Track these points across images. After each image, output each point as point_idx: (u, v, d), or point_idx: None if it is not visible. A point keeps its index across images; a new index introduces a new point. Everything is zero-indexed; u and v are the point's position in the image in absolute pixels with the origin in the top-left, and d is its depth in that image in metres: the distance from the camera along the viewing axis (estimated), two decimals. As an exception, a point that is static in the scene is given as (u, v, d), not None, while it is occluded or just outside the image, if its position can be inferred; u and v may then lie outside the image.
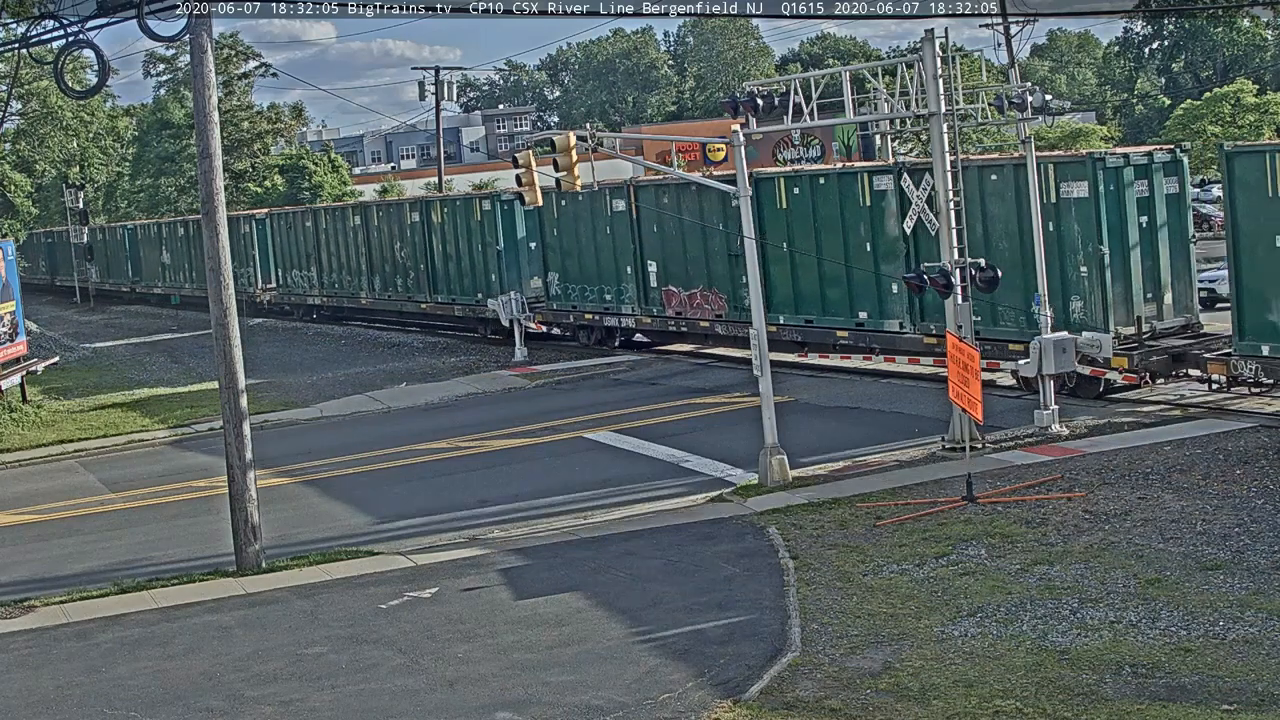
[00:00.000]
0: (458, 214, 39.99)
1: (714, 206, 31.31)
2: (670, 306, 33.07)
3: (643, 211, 33.32)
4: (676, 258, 32.65)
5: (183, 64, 74.72)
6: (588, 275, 35.41)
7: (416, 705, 13.38)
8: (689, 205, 32.05)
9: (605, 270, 34.83)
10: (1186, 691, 12.03)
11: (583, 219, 35.25)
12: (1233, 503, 17.34)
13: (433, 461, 25.20)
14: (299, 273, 49.40)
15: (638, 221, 33.56)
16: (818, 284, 29.07)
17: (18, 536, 22.39)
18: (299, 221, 49.56)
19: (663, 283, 33.22)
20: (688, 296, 32.50)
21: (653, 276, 33.42)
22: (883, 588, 15.47)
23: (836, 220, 28.34)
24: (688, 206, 32.12)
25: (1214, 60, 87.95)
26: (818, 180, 29.01)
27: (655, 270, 33.28)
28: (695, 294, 32.26)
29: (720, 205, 30.98)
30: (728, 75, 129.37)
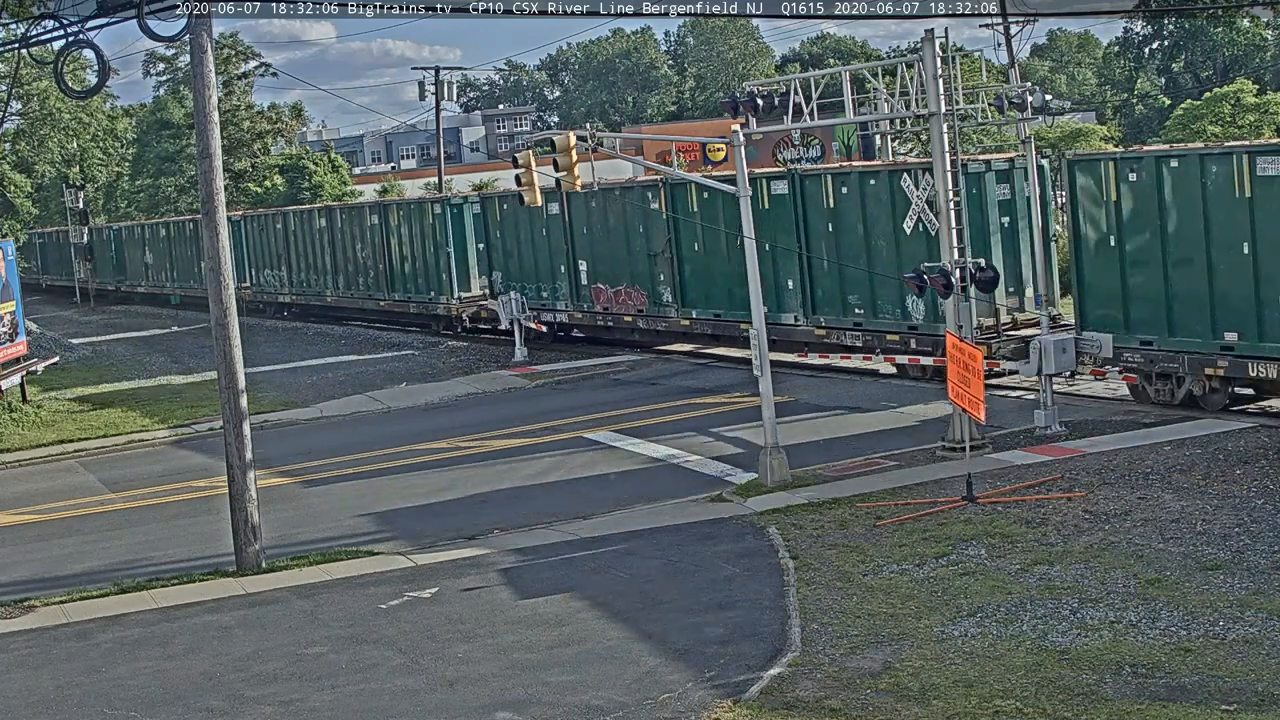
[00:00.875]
0: (412, 217, 42.30)
1: (636, 210, 33.65)
2: (599, 302, 35.26)
3: (574, 215, 35.46)
4: (604, 257, 34.88)
5: (183, 64, 74.75)
6: (527, 274, 37.56)
7: (416, 705, 13.38)
8: (614, 209, 34.33)
9: (542, 269, 36.98)
10: (1186, 691, 12.03)
11: (523, 222, 37.34)
12: (1233, 503, 17.34)
13: (433, 461, 25.20)
14: (270, 272, 51.34)
15: (570, 224, 35.71)
16: (726, 282, 30.86)
17: (18, 536, 22.39)
18: (270, 223, 51.46)
19: (592, 280, 35.38)
20: (614, 293, 34.74)
21: (583, 275, 35.57)
22: (883, 588, 15.48)
23: (733, 223, 28.94)
24: (613, 210, 34.37)
25: (1214, 60, 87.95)
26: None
27: (585, 269, 35.48)
28: (620, 291, 34.52)
29: (641, 209, 33.43)
30: (728, 75, 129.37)
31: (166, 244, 61.45)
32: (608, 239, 34.71)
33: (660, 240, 32.84)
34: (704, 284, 31.98)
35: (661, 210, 32.85)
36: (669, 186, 32.26)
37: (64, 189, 72.11)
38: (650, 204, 32.87)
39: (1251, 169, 21.03)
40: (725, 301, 31.08)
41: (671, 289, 32.87)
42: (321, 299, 48.12)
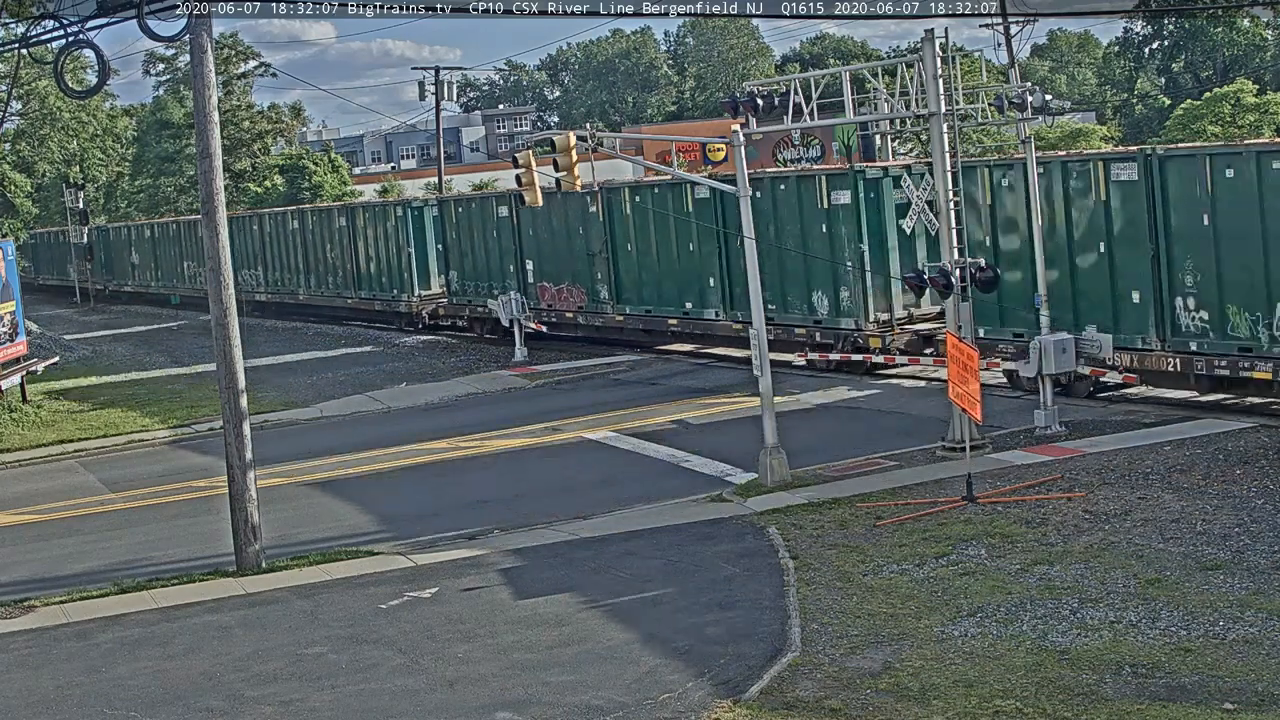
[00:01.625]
0: (376, 219, 44.77)
1: (576, 213, 35.76)
2: (544, 300, 37.30)
3: (522, 217, 37.49)
4: (549, 257, 37.13)
5: (183, 64, 74.73)
6: (480, 273, 39.70)
7: (416, 705, 13.38)
8: (557, 211, 36.13)
9: (494, 269, 39.16)
10: (1186, 691, 12.03)
11: (476, 224, 39.72)
12: (1233, 503, 17.34)
13: (433, 461, 25.20)
14: (248, 272, 52.92)
15: (518, 226, 37.87)
16: (656, 280, 33.48)
17: (18, 536, 22.39)
18: (247, 225, 53.52)
19: (538, 279, 37.56)
20: (557, 291, 36.93)
21: (530, 274, 37.75)
22: (883, 588, 15.48)
23: (668, 224, 32.78)
24: (556, 213, 36.17)
25: (1214, 60, 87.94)
26: (653, 190, 33.81)
27: (532, 268, 37.70)
28: (563, 288, 36.72)
29: (581, 212, 35.51)
30: (728, 75, 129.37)
31: (150, 245, 63.96)
32: (552, 240, 36.85)
33: (598, 242, 34.91)
34: (636, 282, 34.10)
35: (599, 214, 34.75)
36: (605, 192, 34.18)
37: (64, 189, 72.15)
38: (589, 208, 34.90)
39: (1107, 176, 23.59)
40: (655, 298, 33.59)
41: (608, 287, 34.89)
42: (295, 297, 50.13)
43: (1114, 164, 23.39)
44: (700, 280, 32.06)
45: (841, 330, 28.77)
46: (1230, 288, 21.74)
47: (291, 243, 50.04)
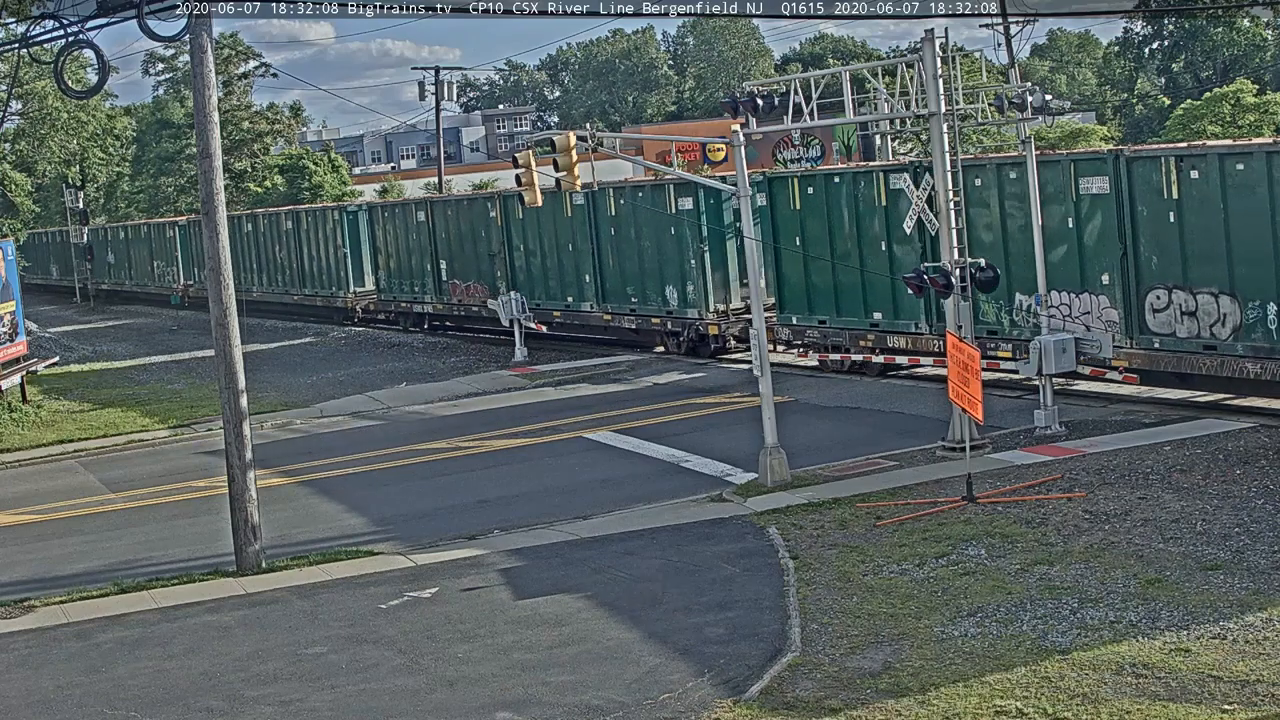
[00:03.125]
0: (318, 223, 49.08)
1: (480, 217, 39.86)
2: (455, 296, 41.40)
3: (436, 221, 41.73)
4: (458, 258, 41.06)
5: (183, 64, 74.77)
6: (404, 272, 43.89)
7: (416, 705, 13.38)
8: (464, 216, 40.73)
9: (415, 268, 43.22)
10: (1186, 691, 12.03)
11: (399, 227, 43.93)
12: (1233, 503, 17.34)
13: (433, 461, 25.20)
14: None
15: (433, 229, 41.94)
16: (545, 276, 37.27)
17: (18, 536, 22.39)
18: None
19: (450, 277, 41.51)
20: (465, 288, 40.85)
21: (444, 273, 41.72)
22: (883, 588, 15.48)
23: (552, 228, 36.72)
24: (463, 217, 40.71)
25: (1214, 60, 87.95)
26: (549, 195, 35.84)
27: (445, 268, 41.65)
28: (470, 286, 40.62)
29: (484, 216, 39.64)
30: (728, 75, 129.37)
31: (125, 246, 68.48)
32: (460, 243, 40.78)
33: (497, 244, 38.83)
34: (529, 279, 37.92)
35: (498, 218, 38.80)
36: (503, 198, 38.70)
37: (64, 189, 72.20)
38: (490, 213, 39.15)
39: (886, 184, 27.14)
40: (544, 293, 37.27)
41: (506, 283, 38.51)
42: (249, 294, 52.96)
43: (891, 174, 26.97)
44: (579, 277, 35.86)
45: (688, 319, 32.68)
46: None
47: (246, 244, 53.70)
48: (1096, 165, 23.69)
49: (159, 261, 63.28)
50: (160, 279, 62.76)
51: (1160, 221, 22.60)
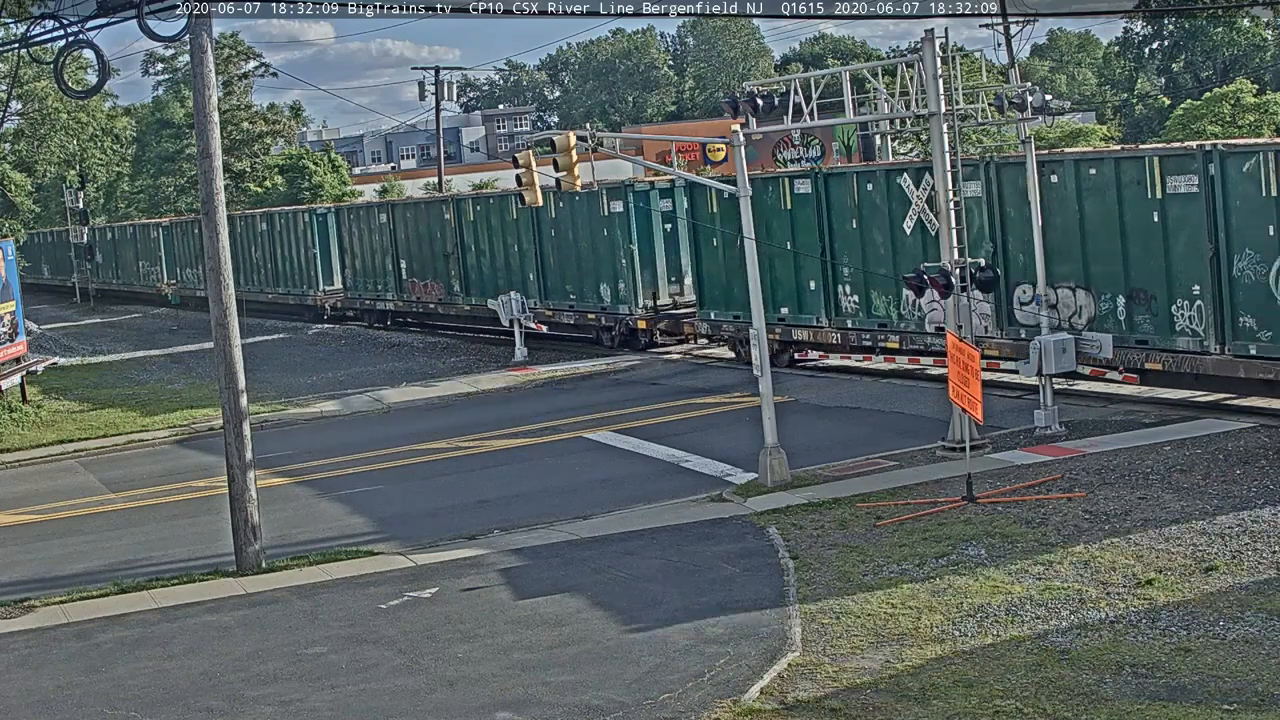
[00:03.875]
0: (290, 225, 51.58)
1: (436, 219, 42.41)
2: (414, 293, 43.88)
3: (397, 223, 44.36)
4: (417, 258, 43.59)
5: (183, 64, 74.73)
6: (368, 272, 46.58)
7: (416, 705, 13.38)
8: (421, 218, 43.29)
9: (377, 268, 45.90)
10: (1186, 691, 12.03)
11: (363, 229, 46.56)
12: (1233, 503, 17.34)
13: (433, 461, 25.20)
14: (191, 270, 59.60)
15: (394, 231, 44.56)
16: (493, 275, 39.87)
17: (18, 536, 22.39)
18: (190, 229, 60.14)
19: (409, 276, 44.03)
20: (423, 285, 43.24)
21: (404, 272, 44.27)
22: (883, 588, 15.47)
23: (500, 230, 39.32)
24: (420, 219, 43.28)
25: (1214, 60, 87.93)
26: (489, 200, 40.87)
27: (405, 267, 44.19)
28: (427, 284, 43.00)
29: (439, 218, 42.14)
30: (728, 75, 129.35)
31: (113, 246, 71.12)
32: (418, 243, 43.32)
33: (450, 244, 41.34)
34: (479, 277, 40.51)
35: (451, 220, 41.25)
36: (455, 202, 41.94)
37: (64, 189, 72.21)
38: (444, 215, 41.72)
39: (791, 190, 29.45)
40: (493, 290, 39.32)
41: (459, 281, 41.21)
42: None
43: (796, 180, 29.54)
44: (523, 274, 38.33)
45: (620, 315, 34.89)
46: (874, 278, 27.45)
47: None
48: (970, 170, 25.55)
49: (144, 261, 66.17)
50: (145, 278, 65.59)
51: (1025, 223, 24.08)
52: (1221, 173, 21.84)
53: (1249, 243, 21.57)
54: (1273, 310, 21.32)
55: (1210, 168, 21.95)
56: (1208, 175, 21.96)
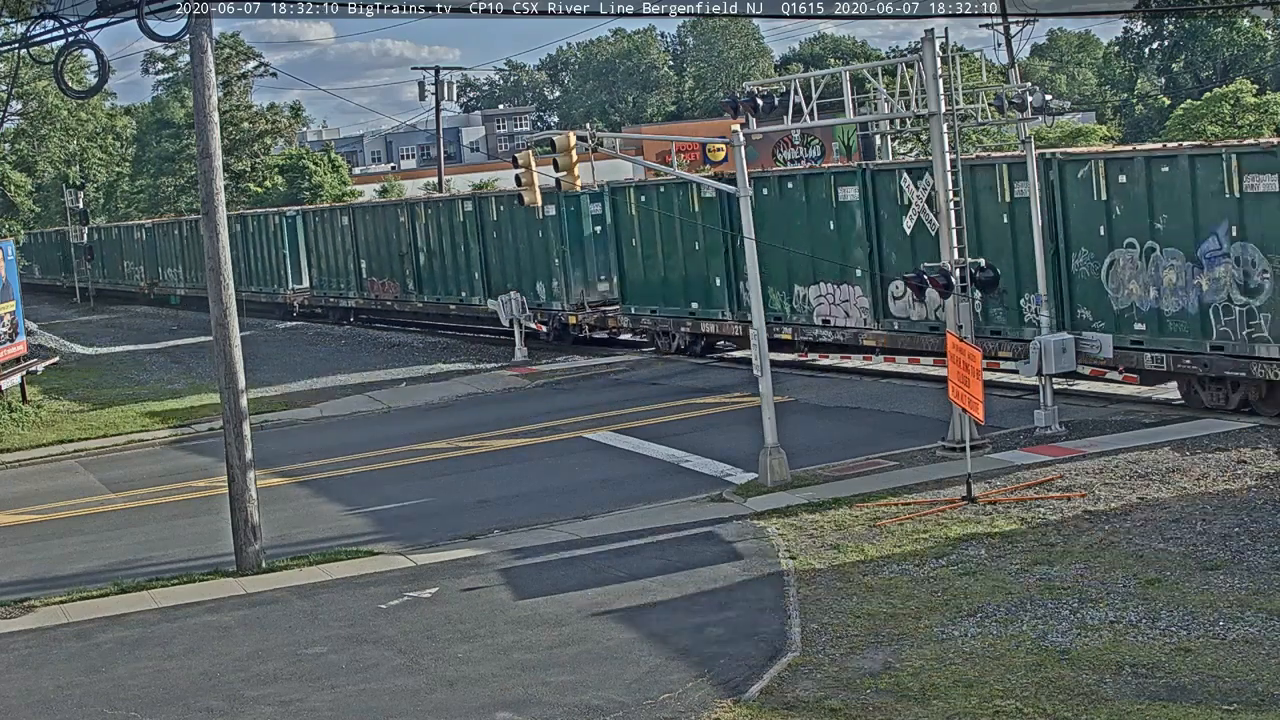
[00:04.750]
0: (262, 226, 54.24)
1: (391, 222, 44.90)
2: (373, 291, 46.51)
3: (357, 225, 47.07)
4: (375, 258, 46.19)
5: (183, 64, 74.73)
6: (331, 271, 49.16)
7: (416, 705, 13.38)
8: (379, 221, 45.91)
9: (340, 268, 48.54)
10: (1186, 691, 12.03)
11: (327, 231, 49.34)
12: (1233, 503, 17.34)
13: (433, 461, 25.20)
14: (170, 270, 63.40)
15: (355, 233, 47.11)
16: (443, 274, 42.27)
17: (18, 536, 22.39)
18: (170, 230, 63.97)
19: (369, 275, 46.56)
20: (381, 284, 45.88)
21: (364, 271, 46.87)
22: (883, 588, 15.47)
23: (449, 231, 41.70)
24: (378, 222, 45.88)
25: (1214, 60, 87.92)
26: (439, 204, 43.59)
27: (365, 267, 46.77)
28: (384, 282, 45.60)
29: (394, 220, 44.71)
30: (728, 75, 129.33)
31: (99, 247, 72.84)
32: (377, 244, 45.89)
33: (405, 245, 43.86)
34: (431, 276, 42.95)
35: (406, 223, 43.82)
36: (409, 205, 44.70)
37: (64, 189, 72.22)
38: (400, 218, 44.39)
39: (699, 194, 31.94)
40: (442, 289, 42.25)
41: (413, 280, 43.68)
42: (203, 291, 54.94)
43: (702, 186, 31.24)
44: (469, 274, 40.73)
45: (553, 311, 37.09)
46: (769, 276, 28.30)
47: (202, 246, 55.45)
48: (847, 177, 28.53)
49: (128, 261, 69.17)
50: (129, 278, 68.60)
51: (895, 224, 26.80)
52: (1060, 178, 23.99)
53: (1084, 242, 23.85)
54: (1104, 303, 23.62)
55: (1050, 174, 24.02)
56: (1048, 180, 24.04)
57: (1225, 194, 21.61)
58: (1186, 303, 22.42)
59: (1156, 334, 22.89)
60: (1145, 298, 23.03)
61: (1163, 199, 22.59)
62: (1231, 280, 21.71)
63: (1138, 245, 23.06)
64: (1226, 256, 21.72)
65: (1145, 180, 22.75)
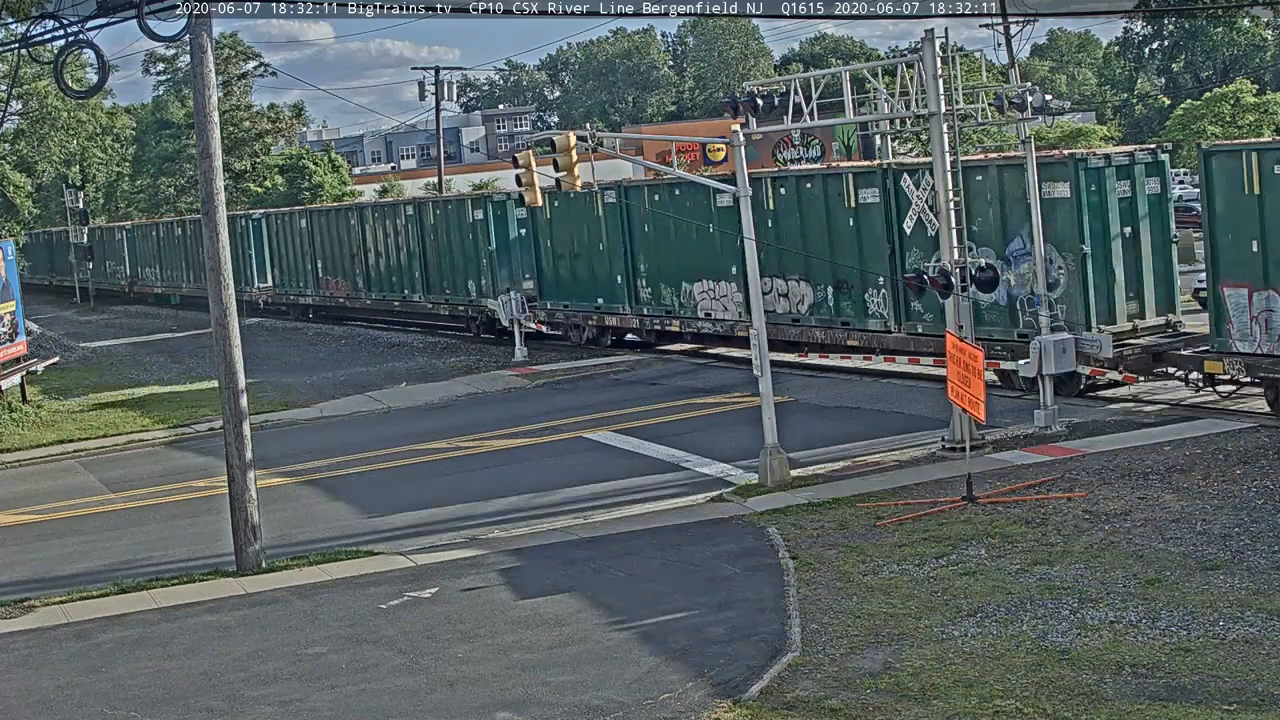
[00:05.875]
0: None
1: (343, 224, 47.80)
2: (328, 290, 49.40)
3: (314, 227, 49.78)
4: (329, 258, 48.97)
5: (183, 64, 74.74)
6: (291, 271, 51.87)
7: (416, 705, 13.38)
8: (332, 223, 48.68)
9: (298, 267, 51.29)
10: (1186, 691, 12.03)
11: (286, 233, 52.07)
12: (1233, 503, 17.34)
13: (433, 461, 25.20)
14: (148, 270, 66.46)
15: (312, 235, 49.88)
16: (390, 273, 44.91)
17: (18, 536, 22.39)
18: (148, 231, 66.92)
19: (324, 274, 49.34)
20: (334, 283, 48.70)
21: (320, 270, 49.54)
22: (883, 588, 15.48)
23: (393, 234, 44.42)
24: (333, 225, 48.59)
25: (1214, 60, 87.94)
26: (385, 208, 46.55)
27: (321, 266, 49.50)
28: (338, 281, 48.48)
29: (346, 223, 47.63)
30: (728, 75, 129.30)
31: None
32: (331, 245, 48.60)
33: (355, 246, 46.67)
34: (378, 275, 45.62)
35: (356, 225, 46.67)
36: (359, 209, 47.83)
37: (64, 189, 72.24)
38: (350, 221, 47.30)
39: (602, 200, 34.63)
40: (388, 287, 45.01)
41: (362, 279, 46.56)
42: (178, 289, 62.62)
43: (605, 192, 34.42)
44: (411, 273, 43.37)
45: (482, 306, 39.53)
46: (661, 274, 33.33)
47: (177, 246, 62.27)
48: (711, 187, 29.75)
49: (110, 261, 71.87)
50: (112, 277, 71.38)
51: (763, 225, 29.07)
52: (895, 186, 26.52)
53: (915, 243, 26.32)
54: (929, 297, 25.15)
55: (886, 182, 27.14)
56: (885, 188, 27.15)
57: (1028, 199, 23.71)
58: (998, 296, 25.09)
59: (975, 324, 24.54)
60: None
61: (978, 204, 25.44)
62: (1034, 275, 24.09)
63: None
64: (1029, 255, 24.47)
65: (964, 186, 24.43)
